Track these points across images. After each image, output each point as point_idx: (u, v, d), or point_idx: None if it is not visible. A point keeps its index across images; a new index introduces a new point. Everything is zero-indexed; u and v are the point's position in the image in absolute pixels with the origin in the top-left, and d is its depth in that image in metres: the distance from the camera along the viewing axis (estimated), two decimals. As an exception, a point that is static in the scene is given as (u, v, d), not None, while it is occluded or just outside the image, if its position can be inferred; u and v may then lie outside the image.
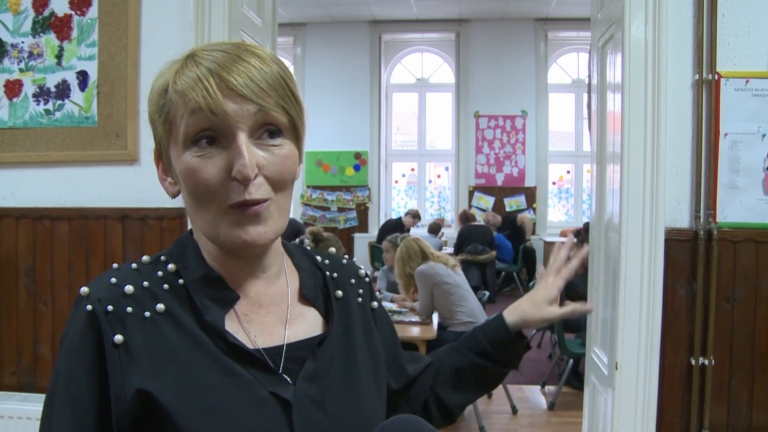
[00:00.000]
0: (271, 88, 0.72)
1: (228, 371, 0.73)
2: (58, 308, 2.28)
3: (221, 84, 0.70)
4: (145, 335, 0.73)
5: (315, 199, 8.89)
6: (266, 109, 0.72)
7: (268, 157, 0.73)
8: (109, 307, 0.72)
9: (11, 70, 2.28)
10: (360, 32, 8.81)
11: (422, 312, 3.78)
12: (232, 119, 0.70)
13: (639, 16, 2.03)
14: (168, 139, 0.76)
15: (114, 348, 0.71)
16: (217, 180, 0.71)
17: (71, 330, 0.74)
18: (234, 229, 0.73)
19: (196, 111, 0.70)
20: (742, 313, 2.09)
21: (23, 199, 2.30)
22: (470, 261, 6.92)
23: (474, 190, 8.75)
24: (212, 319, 0.75)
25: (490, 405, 4.11)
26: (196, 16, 2.11)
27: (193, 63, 0.73)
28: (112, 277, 0.75)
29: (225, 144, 0.72)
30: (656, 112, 2.02)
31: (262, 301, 0.81)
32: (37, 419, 0.75)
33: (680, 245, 2.09)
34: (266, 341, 0.78)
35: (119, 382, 0.71)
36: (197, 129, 0.71)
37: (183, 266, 0.78)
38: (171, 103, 0.73)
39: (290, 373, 0.77)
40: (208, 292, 0.77)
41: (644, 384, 2.06)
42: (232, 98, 0.70)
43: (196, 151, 0.72)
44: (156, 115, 0.76)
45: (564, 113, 9.06)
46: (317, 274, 0.89)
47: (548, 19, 8.53)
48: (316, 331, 0.83)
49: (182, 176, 0.74)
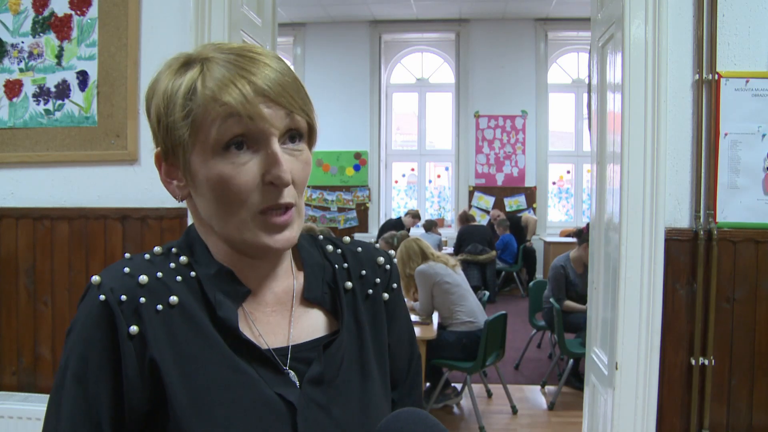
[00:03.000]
0: (295, 91, 0.72)
1: (236, 369, 0.73)
2: (58, 308, 2.28)
3: (254, 86, 0.69)
4: (158, 328, 0.72)
5: (315, 199, 8.89)
6: (294, 113, 0.72)
7: (293, 162, 0.73)
8: (122, 297, 0.71)
9: (11, 70, 2.28)
10: (360, 32, 8.81)
11: (422, 312, 3.78)
12: (268, 124, 0.70)
13: (639, 16, 2.03)
14: (192, 144, 0.72)
15: (129, 339, 0.70)
16: (251, 186, 0.71)
17: (82, 320, 0.72)
18: (262, 236, 0.73)
19: (233, 115, 0.69)
20: (742, 313, 2.09)
21: (23, 199, 2.30)
22: (470, 261, 6.93)
23: (474, 190, 8.76)
24: (225, 315, 0.74)
25: (490, 405, 4.11)
26: (196, 16, 2.11)
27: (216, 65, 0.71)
28: (125, 266, 0.74)
29: (255, 149, 0.71)
30: (656, 112, 2.02)
31: (267, 300, 0.80)
32: (37, 419, 0.75)
33: (680, 245, 2.09)
34: (272, 340, 0.78)
35: (132, 374, 0.70)
36: (231, 134, 0.70)
37: (195, 260, 0.78)
38: (200, 106, 0.71)
39: (298, 374, 0.77)
40: (221, 286, 0.76)
41: (644, 384, 2.06)
42: (264, 102, 0.69)
43: (228, 156, 0.71)
44: (180, 120, 0.72)
45: (564, 113, 9.06)
46: (326, 267, 0.86)
47: (548, 19, 8.53)
48: (321, 330, 0.82)
49: (211, 182, 0.72)
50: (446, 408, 3.99)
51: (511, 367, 4.80)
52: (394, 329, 0.90)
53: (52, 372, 2.30)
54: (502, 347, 3.90)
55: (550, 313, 4.34)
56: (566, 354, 4.08)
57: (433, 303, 3.77)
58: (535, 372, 4.74)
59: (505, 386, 3.98)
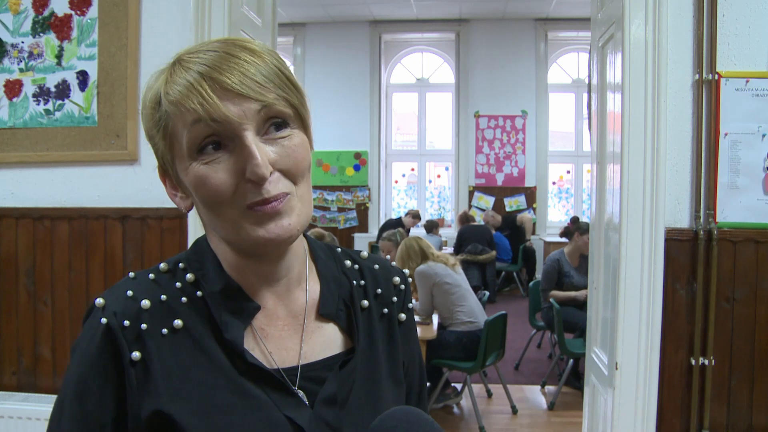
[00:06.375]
0: (268, 80, 0.69)
1: (244, 393, 0.71)
2: (58, 308, 2.28)
3: (215, 86, 0.67)
4: (162, 353, 0.71)
5: (315, 199, 8.85)
6: (269, 104, 0.68)
7: (279, 150, 0.70)
8: (125, 322, 0.70)
9: (11, 70, 2.28)
10: (360, 32, 8.81)
11: (422, 312, 3.78)
12: (236, 122, 0.67)
13: (639, 16, 2.03)
14: (171, 154, 0.72)
15: (131, 366, 0.69)
16: (229, 185, 0.68)
17: (86, 341, 0.71)
18: (256, 229, 0.70)
19: (196, 122, 0.67)
20: (742, 313, 2.09)
21: (23, 199, 2.30)
22: (470, 261, 6.93)
23: (474, 190, 8.76)
24: (232, 338, 0.72)
25: (490, 405, 4.11)
26: (196, 16, 2.11)
27: (181, 68, 0.69)
28: (129, 289, 0.73)
29: (232, 147, 0.69)
30: (656, 112, 2.02)
31: (279, 313, 0.78)
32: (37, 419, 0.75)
33: (680, 245, 2.09)
34: (283, 358, 0.76)
35: (136, 401, 0.69)
36: (201, 138, 0.68)
37: (202, 275, 0.76)
38: (167, 115, 0.70)
39: (308, 393, 0.75)
40: (228, 305, 0.74)
41: (644, 384, 2.06)
42: (231, 99, 0.67)
43: (203, 158, 0.69)
44: (154, 130, 0.72)
45: (564, 113, 9.05)
46: (343, 283, 0.83)
47: (548, 19, 8.53)
48: (335, 348, 0.80)
49: (193, 187, 0.71)
50: (446, 408, 3.99)
51: (511, 367, 4.80)
52: (408, 350, 0.89)
53: (52, 372, 2.30)
54: (502, 347, 3.91)
55: (550, 313, 4.34)
56: (566, 354, 4.08)
57: (433, 303, 3.78)
58: (535, 372, 4.74)
59: (505, 386, 3.98)
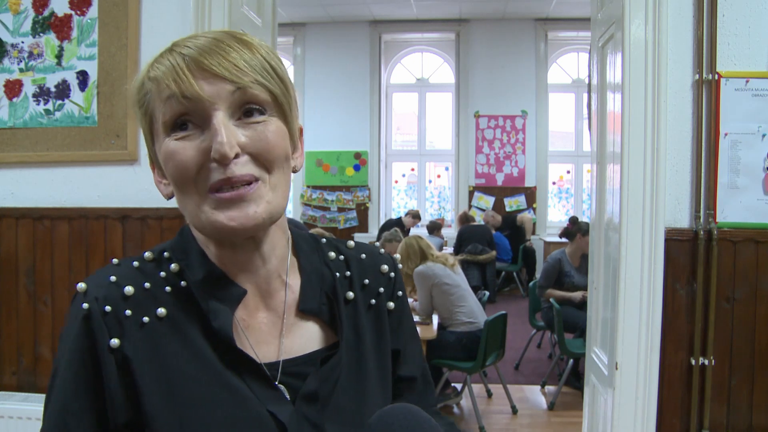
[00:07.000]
0: (249, 66, 0.68)
1: (227, 386, 0.70)
2: (58, 308, 2.28)
3: (192, 66, 0.67)
4: (143, 342, 0.70)
5: (315, 199, 8.88)
6: (244, 86, 0.68)
7: (251, 134, 0.69)
8: (107, 308, 0.69)
9: (11, 70, 2.28)
10: (360, 32, 8.81)
11: (422, 312, 3.78)
12: (207, 101, 0.67)
13: (639, 16, 2.03)
14: (151, 134, 0.73)
15: (110, 352, 0.69)
16: (195, 162, 0.68)
17: (67, 328, 0.71)
18: (216, 214, 0.68)
19: (170, 97, 0.68)
20: (742, 313, 2.09)
21: (23, 199, 2.30)
22: (470, 261, 6.93)
23: (474, 190, 8.75)
24: (219, 326, 0.71)
25: (490, 405, 4.11)
26: (196, 16, 2.11)
27: (169, 53, 0.70)
28: (112, 275, 0.72)
29: (204, 127, 0.68)
30: (656, 112, 2.02)
31: (259, 306, 0.76)
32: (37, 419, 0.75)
33: (680, 245, 2.09)
34: (263, 351, 0.75)
35: (114, 387, 0.69)
36: (173, 115, 0.68)
37: (186, 264, 0.75)
38: (149, 95, 0.70)
39: (289, 389, 0.74)
40: (213, 292, 0.73)
41: (644, 384, 2.06)
42: (206, 79, 0.67)
43: (176, 135, 0.69)
44: (137, 107, 0.73)
45: (564, 113, 9.05)
46: (326, 275, 0.81)
47: (548, 19, 8.52)
48: (317, 343, 0.79)
49: (163, 163, 0.70)
50: (446, 408, 3.99)
51: (511, 367, 4.80)
52: (401, 336, 0.88)
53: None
54: (502, 347, 3.90)
55: (550, 313, 4.34)
56: (566, 354, 4.08)
57: (432, 303, 3.78)
58: (535, 372, 4.74)
59: (505, 386, 3.98)
